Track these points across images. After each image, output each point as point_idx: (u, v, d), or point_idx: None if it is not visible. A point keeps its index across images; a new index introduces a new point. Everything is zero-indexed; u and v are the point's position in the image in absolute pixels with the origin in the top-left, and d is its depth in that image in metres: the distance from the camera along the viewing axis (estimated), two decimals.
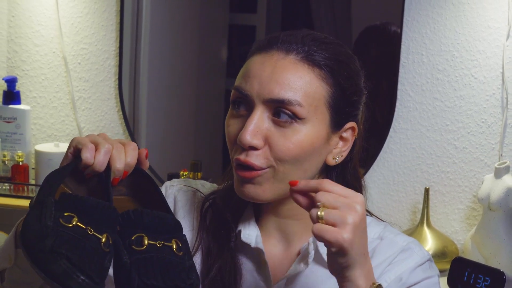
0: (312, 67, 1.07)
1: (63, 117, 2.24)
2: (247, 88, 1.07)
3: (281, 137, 1.05)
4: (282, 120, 1.05)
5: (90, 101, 2.23)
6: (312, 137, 1.06)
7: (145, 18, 2.26)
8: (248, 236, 1.13)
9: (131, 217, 0.95)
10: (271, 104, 1.05)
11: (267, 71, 1.06)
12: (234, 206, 1.16)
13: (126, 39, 2.20)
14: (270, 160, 1.06)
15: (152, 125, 2.35)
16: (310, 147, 1.06)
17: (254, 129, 1.05)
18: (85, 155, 0.96)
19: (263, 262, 1.13)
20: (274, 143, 1.05)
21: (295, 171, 1.07)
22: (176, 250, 0.94)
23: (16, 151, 2.12)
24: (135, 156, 1.00)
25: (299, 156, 1.06)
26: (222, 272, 1.12)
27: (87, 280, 0.86)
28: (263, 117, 1.06)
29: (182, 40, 2.56)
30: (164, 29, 2.42)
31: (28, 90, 2.24)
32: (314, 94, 1.06)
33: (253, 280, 1.14)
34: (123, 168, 0.98)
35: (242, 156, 1.06)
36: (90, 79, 2.22)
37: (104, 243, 0.89)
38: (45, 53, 2.22)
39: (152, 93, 2.33)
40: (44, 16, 2.20)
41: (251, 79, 1.07)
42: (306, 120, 1.06)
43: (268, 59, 1.07)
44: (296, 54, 1.07)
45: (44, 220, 0.89)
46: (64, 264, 0.85)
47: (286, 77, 1.05)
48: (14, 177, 2.09)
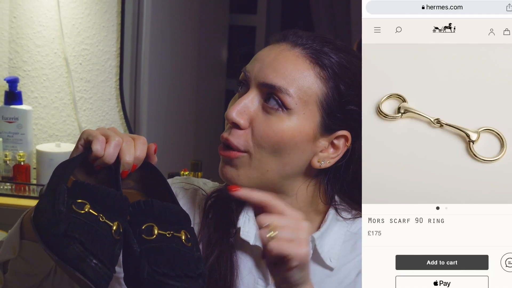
0: (314, 65, 1.08)
1: (65, 117, 2.24)
2: (249, 69, 1.10)
3: (264, 122, 1.07)
4: (270, 106, 1.07)
5: (91, 101, 2.23)
6: (294, 130, 1.07)
7: (146, 19, 2.26)
8: (247, 233, 1.14)
9: (141, 206, 0.96)
10: (264, 89, 1.08)
11: (270, 57, 1.09)
12: (234, 204, 1.17)
13: (127, 40, 2.20)
14: (249, 144, 1.08)
15: (153, 125, 2.35)
16: (290, 139, 1.07)
17: (242, 108, 1.07)
18: (95, 147, 0.98)
19: (261, 259, 1.12)
20: (256, 127, 1.07)
21: (273, 162, 1.08)
22: (185, 241, 0.95)
23: (17, 151, 2.12)
24: (144, 150, 1.02)
25: (277, 145, 1.07)
26: (220, 261, 1.13)
27: (99, 264, 0.87)
28: (254, 100, 1.08)
29: (183, 40, 2.56)
30: (165, 30, 2.42)
31: (29, 91, 2.24)
32: (307, 90, 1.07)
33: (252, 278, 1.14)
34: (133, 161, 1.00)
35: (226, 133, 1.09)
36: (91, 80, 2.22)
37: (115, 230, 0.90)
38: (47, 53, 2.22)
39: (152, 94, 2.33)
40: (45, 17, 2.20)
41: (255, 62, 1.10)
42: (293, 111, 1.07)
43: (276, 48, 1.10)
44: (303, 49, 1.09)
45: (57, 206, 0.90)
46: (78, 247, 0.86)
47: (284, 66, 1.08)
48: (16, 177, 2.09)
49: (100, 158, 0.99)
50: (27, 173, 2.10)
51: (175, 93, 2.54)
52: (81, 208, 0.90)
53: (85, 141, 1.00)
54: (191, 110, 2.67)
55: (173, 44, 2.49)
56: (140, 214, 0.95)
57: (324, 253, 1.13)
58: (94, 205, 0.91)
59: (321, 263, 1.13)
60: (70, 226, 0.88)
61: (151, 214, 0.95)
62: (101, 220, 0.90)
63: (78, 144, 1.01)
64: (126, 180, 1.03)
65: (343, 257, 1.14)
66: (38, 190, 2.07)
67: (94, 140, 0.98)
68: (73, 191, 0.92)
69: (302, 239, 0.97)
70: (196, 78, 2.67)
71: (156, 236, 0.94)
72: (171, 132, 2.50)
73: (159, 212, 0.96)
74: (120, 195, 0.94)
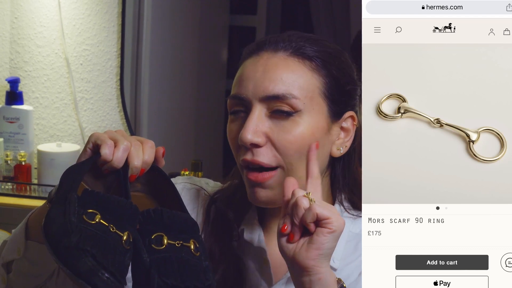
0: (303, 60, 1.08)
1: (65, 118, 2.23)
2: (242, 92, 1.08)
3: (280, 131, 1.06)
4: (280, 115, 1.06)
5: (92, 101, 2.22)
6: (312, 128, 1.07)
7: (147, 20, 2.26)
8: (250, 235, 1.13)
9: (151, 215, 0.95)
10: (268, 101, 1.06)
11: (259, 71, 1.07)
12: (237, 205, 1.16)
13: (127, 41, 2.20)
14: (278, 158, 1.06)
15: (153, 125, 2.34)
16: (311, 138, 1.07)
17: (254, 127, 1.05)
18: (104, 151, 0.97)
19: (265, 261, 1.13)
20: (275, 138, 1.06)
21: (303, 166, 1.06)
22: (194, 251, 0.94)
23: (18, 151, 2.12)
24: (153, 154, 1.00)
25: (302, 149, 1.06)
26: (225, 275, 1.12)
27: (111, 278, 0.86)
28: (261, 115, 1.06)
29: (183, 41, 2.55)
30: (165, 30, 2.41)
31: (30, 91, 2.23)
32: (308, 86, 1.07)
33: (255, 279, 1.13)
34: (141, 166, 0.98)
35: (248, 156, 1.06)
36: (92, 80, 2.21)
37: (125, 240, 0.89)
38: (48, 54, 2.21)
39: (153, 94, 2.33)
40: (46, 18, 2.19)
41: (245, 82, 1.08)
42: (303, 111, 1.06)
43: (259, 60, 1.09)
44: (285, 51, 1.08)
45: (68, 217, 0.89)
46: (90, 261, 0.85)
47: (277, 73, 1.07)
48: (17, 176, 2.09)
49: (108, 163, 0.97)
50: (28, 173, 2.10)
51: (176, 93, 2.53)
52: (92, 218, 0.89)
53: (93, 144, 0.99)
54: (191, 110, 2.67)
55: (173, 44, 2.48)
56: (150, 223, 0.94)
57: None
58: (104, 215, 0.90)
59: None
60: (81, 238, 0.87)
61: (161, 223, 0.94)
62: (112, 231, 0.89)
63: (87, 148, 1.00)
64: (134, 183, 1.02)
65: (345, 258, 1.13)
66: (39, 190, 2.06)
67: (102, 144, 0.97)
68: (83, 200, 0.91)
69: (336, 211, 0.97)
70: (197, 78, 2.66)
71: (166, 246, 0.93)
72: (171, 132, 2.49)
73: (169, 221, 0.95)
74: (130, 204, 0.93)
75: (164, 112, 2.43)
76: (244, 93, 1.07)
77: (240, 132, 1.06)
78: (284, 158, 1.06)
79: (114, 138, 0.98)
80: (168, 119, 2.49)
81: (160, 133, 2.40)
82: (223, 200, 1.17)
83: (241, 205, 1.15)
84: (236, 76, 1.12)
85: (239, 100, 1.08)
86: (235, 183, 1.17)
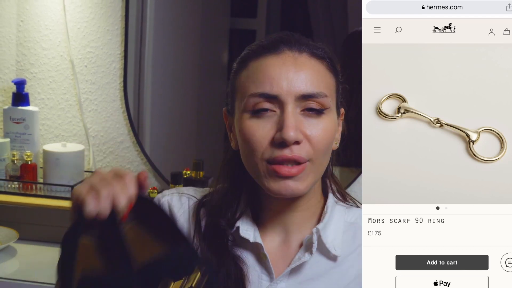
0: (321, 61, 1.09)
1: (70, 118, 2.21)
2: (274, 90, 1.05)
3: (314, 128, 1.06)
4: (313, 113, 1.06)
5: (96, 102, 2.20)
6: (334, 124, 1.09)
7: (149, 23, 2.24)
8: (246, 231, 1.12)
9: None
10: (301, 100, 1.05)
11: (291, 70, 1.06)
12: (229, 204, 1.14)
13: (131, 43, 2.18)
14: (310, 153, 1.06)
15: (156, 126, 2.32)
16: (334, 133, 1.09)
17: (294, 125, 1.04)
18: (87, 209, 0.90)
19: (262, 255, 1.11)
20: (311, 135, 1.05)
21: (326, 159, 1.09)
22: None
23: (24, 150, 2.09)
24: (135, 186, 0.94)
25: (329, 143, 1.08)
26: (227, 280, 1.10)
27: None
28: (295, 113, 1.05)
29: (185, 44, 2.54)
30: (168, 33, 2.39)
31: (36, 92, 2.21)
32: (330, 85, 1.09)
33: (256, 274, 1.12)
34: (127, 204, 0.92)
35: (286, 152, 1.04)
36: (96, 82, 2.19)
37: None
38: (53, 56, 2.19)
39: (156, 95, 2.31)
40: (51, 21, 2.17)
41: (277, 80, 1.05)
42: (330, 109, 1.08)
43: (286, 58, 1.07)
44: (307, 52, 1.08)
45: None
46: None
47: (309, 72, 1.06)
48: (23, 176, 2.06)
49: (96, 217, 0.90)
50: (34, 172, 2.07)
51: (178, 94, 2.51)
52: None
53: (75, 205, 0.92)
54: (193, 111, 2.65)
55: (175, 47, 2.47)
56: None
57: (329, 243, 1.11)
58: None
59: (326, 253, 1.11)
60: None
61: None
62: None
63: (72, 207, 0.93)
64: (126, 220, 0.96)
65: (345, 248, 1.12)
66: (44, 188, 2.03)
67: (84, 203, 0.90)
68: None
69: None
70: (198, 80, 2.65)
71: None
72: (173, 132, 2.47)
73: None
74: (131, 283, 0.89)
75: (167, 113, 2.41)
76: (277, 92, 1.05)
77: (276, 130, 1.04)
78: (316, 153, 1.06)
79: (94, 187, 0.91)
80: (171, 120, 2.47)
81: (163, 133, 2.38)
82: (215, 202, 1.15)
83: (233, 203, 1.14)
84: (250, 73, 1.08)
85: (270, 99, 1.05)
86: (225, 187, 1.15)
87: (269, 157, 1.05)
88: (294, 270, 1.11)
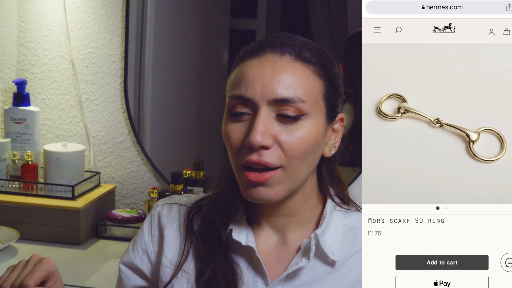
0: (307, 64, 1.05)
1: (71, 118, 2.20)
2: (248, 93, 1.03)
3: (288, 134, 1.02)
4: (288, 118, 1.02)
5: (97, 102, 2.19)
6: (315, 131, 1.04)
7: (150, 23, 2.23)
8: (239, 234, 1.10)
9: None
10: (276, 104, 1.02)
11: (267, 73, 1.03)
12: (224, 207, 1.13)
13: (131, 43, 2.17)
14: (282, 159, 1.03)
15: (156, 126, 2.32)
16: (315, 141, 1.04)
17: (263, 130, 1.01)
18: None
19: (255, 259, 1.10)
20: (283, 141, 1.02)
21: (302, 167, 1.05)
22: None
23: (25, 150, 2.09)
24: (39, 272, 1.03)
25: (307, 151, 1.04)
26: (216, 275, 1.09)
27: None
28: (268, 117, 1.02)
29: (185, 44, 2.53)
30: (168, 33, 2.39)
31: (37, 92, 2.20)
32: (313, 90, 1.04)
33: (251, 277, 1.10)
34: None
35: (254, 156, 1.02)
36: (97, 82, 2.18)
37: None
38: (54, 56, 2.18)
39: (156, 95, 2.30)
40: (52, 21, 2.16)
41: (252, 83, 1.03)
42: (309, 115, 1.04)
43: (265, 62, 1.04)
44: (290, 55, 1.05)
45: None
46: None
47: (286, 76, 1.03)
48: (24, 175, 2.05)
49: None
50: (35, 172, 2.06)
51: (178, 94, 2.51)
52: None
53: None
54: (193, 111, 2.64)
55: (176, 47, 2.46)
56: None
57: (327, 248, 1.09)
58: None
59: (324, 259, 1.09)
60: None
61: None
62: None
63: None
64: None
65: (343, 252, 1.10)
66: (45, 188, 2.03)
67: None
68: None
69: None
70: (198, 80, 2.64)
71: None
72: (174, 132, 2.47)
73: None
74: None
75: (167, 113, 2.41)
76: (251, 95, 1.03)
77: (247, 134, 1.02)
78: (288, 159, 1.03)
79: None
80: (171, 120, 2.47)
81: (163, 133, 2.38)
82: (210, 204, 1.14)
83: (228, 206, 1.12)
84: (234, 75, 1.08)
85: (245, 102, 1.04)
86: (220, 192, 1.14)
87: (242, 161, 1.04)
88: (290, 275, 1.09)
